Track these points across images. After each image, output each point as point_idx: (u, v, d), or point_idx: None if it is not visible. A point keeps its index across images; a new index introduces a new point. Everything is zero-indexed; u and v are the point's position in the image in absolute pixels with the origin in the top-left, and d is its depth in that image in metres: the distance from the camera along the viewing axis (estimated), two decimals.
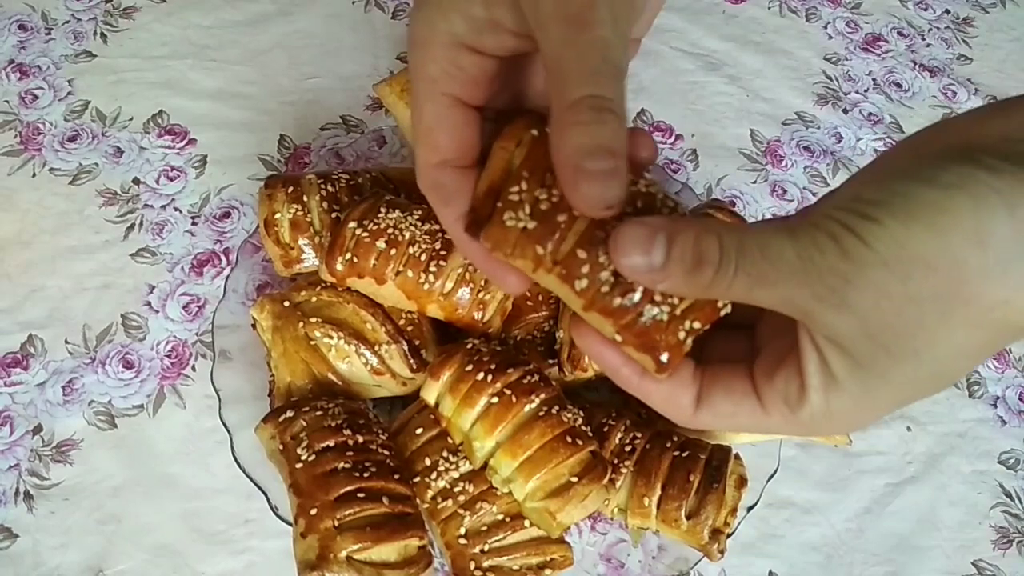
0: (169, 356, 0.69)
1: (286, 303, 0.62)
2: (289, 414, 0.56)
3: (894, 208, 0.30)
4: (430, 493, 0.56)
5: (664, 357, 0.35)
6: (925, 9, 1.00)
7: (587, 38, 0.32)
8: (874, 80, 0.93)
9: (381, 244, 0.59)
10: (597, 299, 0.35)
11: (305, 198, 0.66)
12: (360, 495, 0.52)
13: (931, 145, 0.32)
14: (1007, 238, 0.29)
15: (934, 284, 0.30)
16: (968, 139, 0.31)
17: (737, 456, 0.59)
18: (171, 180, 0.78)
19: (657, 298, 0.35)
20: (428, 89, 0.37)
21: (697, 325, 0.36)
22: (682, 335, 0.35)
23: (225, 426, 0.60)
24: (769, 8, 0.97)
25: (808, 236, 0.31)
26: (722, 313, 0.36)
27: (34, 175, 0.77)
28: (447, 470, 0.56)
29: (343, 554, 0.50)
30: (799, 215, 0.35)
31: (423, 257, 0.59)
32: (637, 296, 0.34)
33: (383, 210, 0.61)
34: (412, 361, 0.61)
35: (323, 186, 0.66)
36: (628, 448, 0.59)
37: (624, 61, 0.33)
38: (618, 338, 0.35)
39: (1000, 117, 0.31)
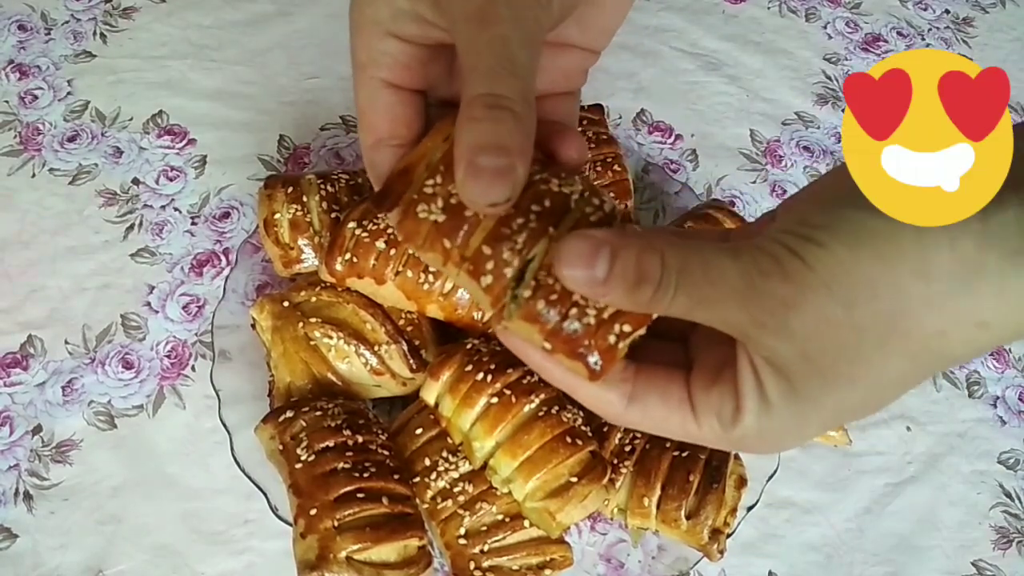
0: (169, 356, 0.69)
1: (286, 303, 0.62)
2: (289, 414, 0.56)
3: (840, 233, 0.30)
4: (430, 493, 0.56)
5: (595, 362, 0.34)
6: (925, 9, 1.00)
7: (486, 36, 0.32)
8: None
9: (381, 244, 0.59)
10: (503, 297, 0.35)
11: (305, 198, 0.66)
12: (360, 495, 0.52)
13: None
14: (948, 271, 0.29)
15: (876, 312, 0.30)
16: None
17: (737, 456, 0.59)
18: (171, 180, 0.78)
19: (580, 302, 0.34)
20: (360, 74, 0.38)
21: (628, 329, 0.35)
22: (612, 339, 0.34)
23: (225, 426, 0.60)
24: (769, 8, 0.97)
25: (751, 258, 0.31)
26: (654, 316, 0.35)
27: (34, 175, 0.77)
28: (447, 470, 0.56)
29: (343, 554, 0.50)
30: (744, 234, 0.35)
31: None
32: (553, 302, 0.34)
33: None
34: (412, 361, 0.61)
35: (323, 186, 0.66)
36: (628, 448, 0.58)
37: (526, 58, 0.33)
38: (547, 346, 0.35)
39: None
